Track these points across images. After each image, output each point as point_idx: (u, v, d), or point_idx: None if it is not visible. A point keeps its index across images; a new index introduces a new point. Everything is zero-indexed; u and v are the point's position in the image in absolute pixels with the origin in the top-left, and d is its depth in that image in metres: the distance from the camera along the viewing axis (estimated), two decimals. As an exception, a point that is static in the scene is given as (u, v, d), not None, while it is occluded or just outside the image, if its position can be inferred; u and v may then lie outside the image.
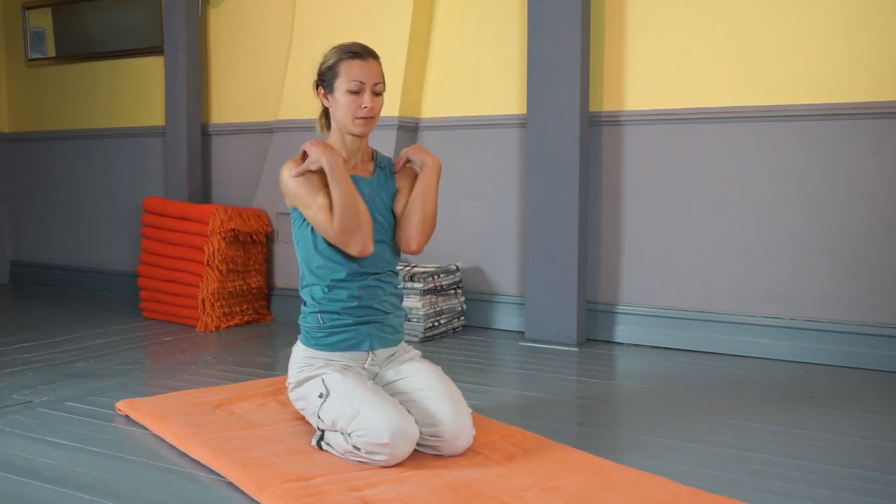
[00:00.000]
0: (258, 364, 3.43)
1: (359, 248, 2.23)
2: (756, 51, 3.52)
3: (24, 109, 5.84)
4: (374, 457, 2.09)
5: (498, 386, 3.09)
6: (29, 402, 2.80)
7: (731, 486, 2.04)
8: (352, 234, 2.21)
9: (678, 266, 3.73)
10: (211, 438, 2.31)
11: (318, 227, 2.26)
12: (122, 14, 5.35)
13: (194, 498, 1.98)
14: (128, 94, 5.31)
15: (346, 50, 2.29)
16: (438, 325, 3.91)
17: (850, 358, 3.36)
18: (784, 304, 3.51)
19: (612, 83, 3.84)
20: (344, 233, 2.21)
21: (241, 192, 4.83)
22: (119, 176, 5.38)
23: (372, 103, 2.27)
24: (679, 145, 3.70)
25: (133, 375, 3.23)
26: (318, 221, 2.25)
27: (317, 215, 2.24)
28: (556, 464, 2.16)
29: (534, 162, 3.78)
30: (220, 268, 4.16)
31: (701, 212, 3.67)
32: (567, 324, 3.73)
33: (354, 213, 2.21)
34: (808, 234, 3.46)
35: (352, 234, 2.21)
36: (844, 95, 3.36)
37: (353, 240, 2.22)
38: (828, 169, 3.42)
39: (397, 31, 4.16)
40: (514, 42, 4.04)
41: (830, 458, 2.27)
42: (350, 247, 2.23)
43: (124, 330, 4.17)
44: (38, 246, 5.82)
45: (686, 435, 2.46)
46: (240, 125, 4.86)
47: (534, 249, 3.80)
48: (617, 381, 3.23)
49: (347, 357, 2.32)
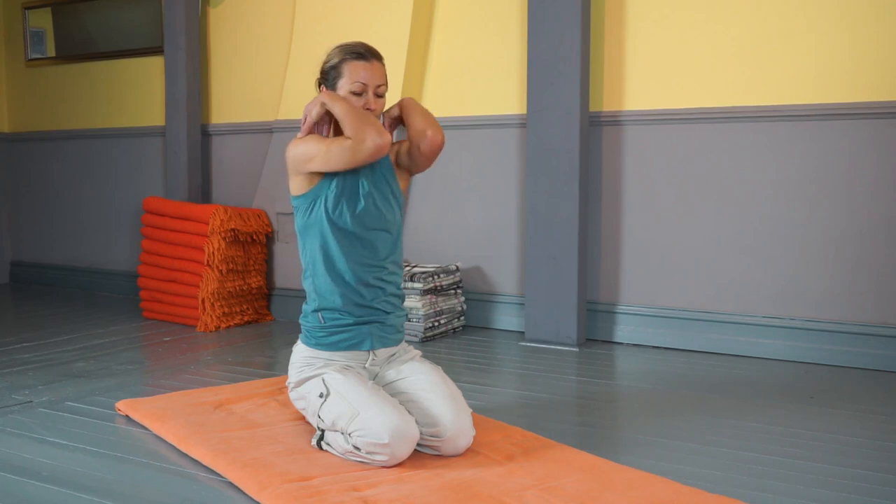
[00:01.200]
0: (258, 364, 3.43)
1: (375, 139, 2.20)
2: (756, 51, 3.52)
3: (24, 109, 5.84)
4: (375, 457, 2.09)
5: (498, 386, 3.09)
6: (29, 402, 2.80)
7: (731, 486, 2.04)
8: (364, 126, 2.20)
9: (678, 266, 3.73)
10: (211, 438, 2.31)
11: (335, 156, 2.23)
12: (122, 14, 5.35)
13: (194, 498, 1.98)
14: (128, 94, 5.31)
15: (350, 50, 2.29)
16: (438, 325, 3.92)
17: (850, 358, 3.36)
18: (784, 304, 3.51)
19: (612, 83, 3.84)
20: (356, 131, 2.20)
21: (241, 192, 4.83)
22: (119, 176, 5.38)
23: (374, 105, 2.28)
24: (679, 145, 3.70)
25: (133, 375, 3.23)
26: (332, 152, 2.23)
27: (330, 147, 2.23)
28: (556, 464, 2.16)
29: (534, 162, 3.78)
30: (220, 268, 4.16)
31: (701, 212, 3.67)
32: (567, 324, 3.73)
33: (361, 113, 2.24)
34: (808, 234, 3.46)
35: (364, 127, 2.20)
36: (844, 95, 3.37)
37: (367, 131, 2.20)
38: (828, 169, 3.42)
39: (397, 31, 4.16)
40: (514, 42, 4.04)
41: (830, 458, 2.27)
42: (367, 139, 2.20)
43: (124, 330, 4.17)
44: (38, 246, 5.82)
45: (686, 435, 2.46)
46: (240, 125, 4.86)
47: (534, 249, 3.80)
48: (617, 381, 3.23)
49: (348, 357, 2.32)
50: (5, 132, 5.89)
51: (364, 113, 2.25)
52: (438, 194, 4.24)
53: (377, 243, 2.33)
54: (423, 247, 4.25)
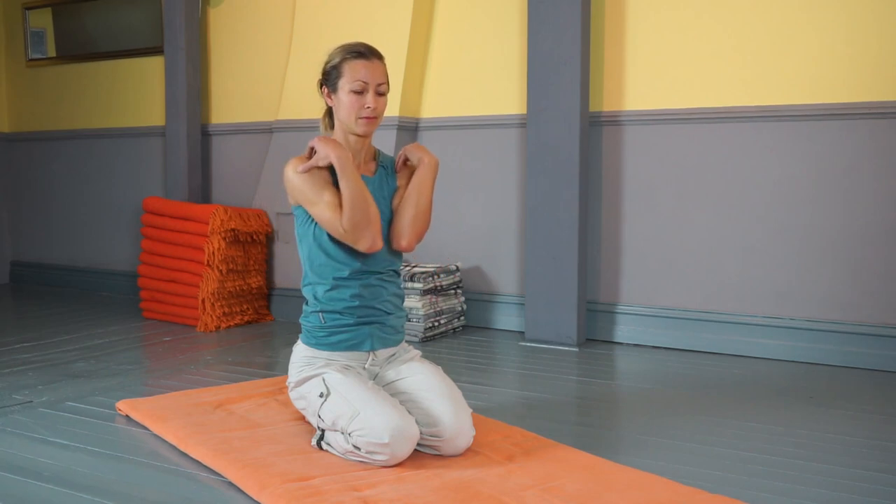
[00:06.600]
0: (258, 364, 3.43)
1: (368, 244, 2.23)
2: (756, 51, 3.52)
3: (24, 109, 5.84)
4: (374, 457, 2.09)
5: (498, 386, 3.09)
6: (29, 402, 2.80)
7: (731, 486, 2.04)
8: (362, 229, 2.21)
9: (678, 266, 3.73)
10: (211, 438, 2.31)
11: (325, 224, 2.24)
12: (122, 14, 5.35)
13: (194, 498, 1.98)
14: (128, 94, 5.31)
15: (350, 49, 2.29)
16: (438, 325, 3.92)
17: (849, 358, 3.36)
18: (784, 304, 3.51)
19: (612, 83, 3.84)
20: (354, 229, 2.20)
21: (241, 192, 4.83)
22: (119, 176, 5.38)
23: (375, 104, 2.27)
24: (679, 145, 3.70)
25: (133, 375, 3.23)
26: (325, 218, 2.23)
27: (324, 212, 2.23)
28: (556, 464, 2.16)
29: (534, 162, 3.78)
30: (220, 268, 4.16)
31: (701, 212, 3.67)
32: (567, 324, 3.73)
33: (364, 208, 2.21)
34: (808, 234, 3.46)
35: (362, 230, 2.21)
36: (844, 95, 3.37)
37: (363, 235, 2.21)
38: (827, 169, 3.42)
39: (397, 31, 4.16)
40: (514, 42, 4.04)
41: (830, 458, 2.27)
42: (360, 242, 2.22)
43: (124, 330, 4.17)
44: (38, 246, 5.82)
45: (686, 435, 2.46)
46: (240, 125, 4.86)
47: (534, 249, 3.80)
48: (617, 381, 3.23)
49: (348, 357, 2.32)
50: (5, 132, 5.89)
51: (366, 206, 2.21)
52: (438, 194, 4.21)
53: (378, 253, 2.32)
54: (424, 247, 4.24)
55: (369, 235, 2.22)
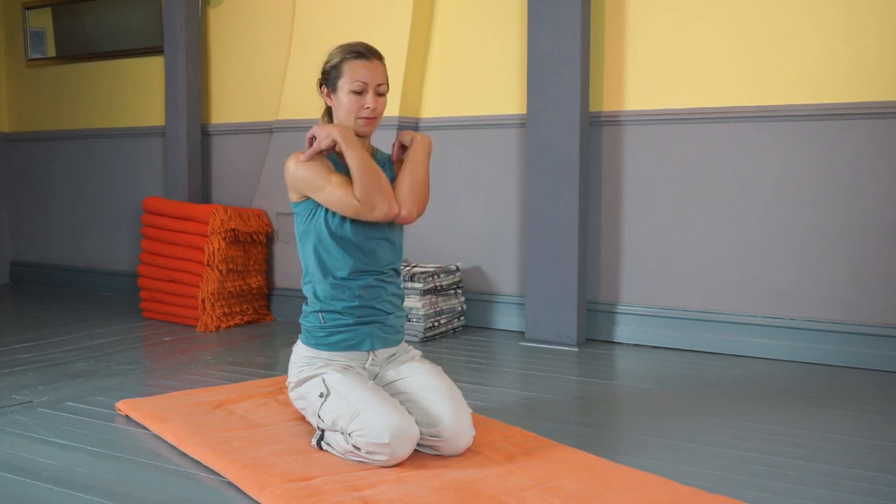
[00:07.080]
0: (258, 364, 3.43)
1: (385, 209, 2.22)
2: (756, 51, 3.52)
3: (24, 109, 5.84)
4: (374, 457, 2.09)
5: (498, 386, 3.09)
6: (29, 402, 2.80)
7: (731, 486, 2.04)
8: (375, 195, 2.21)
9: (678, 266, 3.73)
10: (211, 438, 2.31)
11: (336, 203, 2.23)
12: (122, 14, 5.35)
13: (194, 498, 1.98)
14: (128, 94, 5.31)
15: (350, 50, 2.29)
16: (438, 325, 3.92)
17: (849, 358, 3.36)
18: (784, 304, 3.51)
19: (612, 83, 3.84)
20: (367, 196, 2.20)
21: (241, 192, 4.83)
22: (119, 176, 5.38)
23: (375, 104, 2.28)
24: (679, 145, 3.70)
25: (133, 375, 3.23)
26: (336, 197, 2.22)
27: (334, 191, 2.22)
28: (556, 464, 2.16)
29: (534, 162, 3.78)
30: (220, 268, 4.16)
31: (701, 212, 3.67)
32: (567, 324, 3.73)
33: (374, 174, 2.22)
34: (808, 234, 3.46)
35: (375, 196, 2.21)
36: (844, 95, 3.37)
37: (378, 202, 2.21)
38: (827, 169, 3.42)
39: (397, 31, 4.16)
40: (514, 42, 4.04)
41: (830, 458, 2.27)
42: (376, 210, 2.21)
43: (124, 330, 4.17)
44: (38, 246, 5.82)
45: (686, 435, 2.46)
46: (240, 125, 4.86)
47: (534, 249, 3.80)
48: (617, 381, 3.23)
49: (348, 357, 2.32)
50: (5, 132, 5.89)
51: (377, 173, 2.23)
52: (438, 194, 4.23)
53: (378, 251, 2.33)
54: (423, 247, 4.25)
55: (384, 200, 2.22)
